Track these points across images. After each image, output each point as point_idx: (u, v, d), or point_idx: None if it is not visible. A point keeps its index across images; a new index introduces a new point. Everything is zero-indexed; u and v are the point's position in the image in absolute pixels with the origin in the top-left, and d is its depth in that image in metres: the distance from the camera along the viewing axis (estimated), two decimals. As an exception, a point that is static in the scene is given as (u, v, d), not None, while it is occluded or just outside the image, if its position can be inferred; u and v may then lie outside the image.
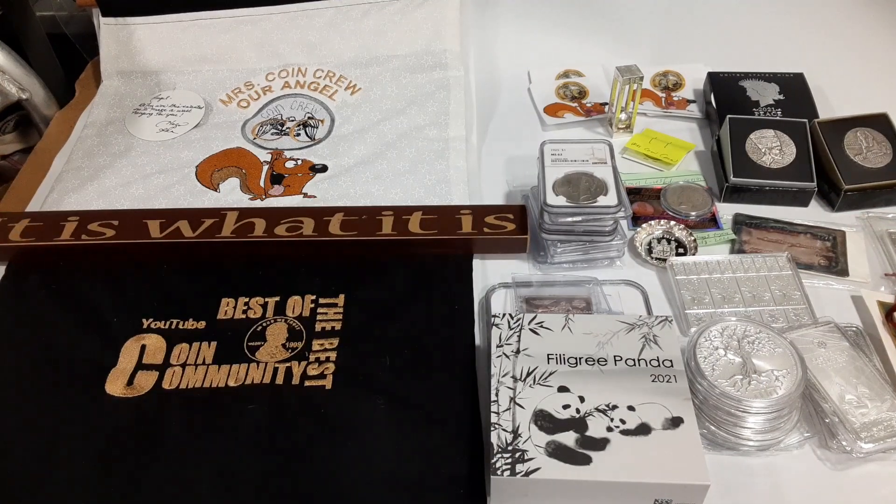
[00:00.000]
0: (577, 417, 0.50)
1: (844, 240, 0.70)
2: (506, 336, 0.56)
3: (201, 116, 0.86)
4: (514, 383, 0.53)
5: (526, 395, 0.52)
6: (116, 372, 0.59)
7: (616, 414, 0.50)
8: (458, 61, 0.89)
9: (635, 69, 0.79)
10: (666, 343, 0.55)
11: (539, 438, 0.49)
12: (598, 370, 0.53)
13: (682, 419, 0.50)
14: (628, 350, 0.55)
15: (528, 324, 0.57)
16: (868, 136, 0.75)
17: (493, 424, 0.50)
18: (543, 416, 0.50)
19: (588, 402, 0.51)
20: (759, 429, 0.52)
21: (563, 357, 0.54)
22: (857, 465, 0.53)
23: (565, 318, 0.57)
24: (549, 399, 0.52)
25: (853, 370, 0.56)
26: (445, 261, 0.68)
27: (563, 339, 0.56)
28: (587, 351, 0.55)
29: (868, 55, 0.93)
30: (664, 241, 0.71)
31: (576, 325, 0.56)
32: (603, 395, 0.52)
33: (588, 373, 0.53)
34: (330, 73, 0.90)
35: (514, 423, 0.50)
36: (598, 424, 0.50)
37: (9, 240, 0.68)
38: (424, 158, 0.78)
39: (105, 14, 0.90)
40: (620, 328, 0.56)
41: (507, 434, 0.49)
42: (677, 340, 0.55)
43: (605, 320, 0.57)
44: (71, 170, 0.80)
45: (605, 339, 0.55)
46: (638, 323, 0.56)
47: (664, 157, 0.80)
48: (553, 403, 0.51)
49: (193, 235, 0.68)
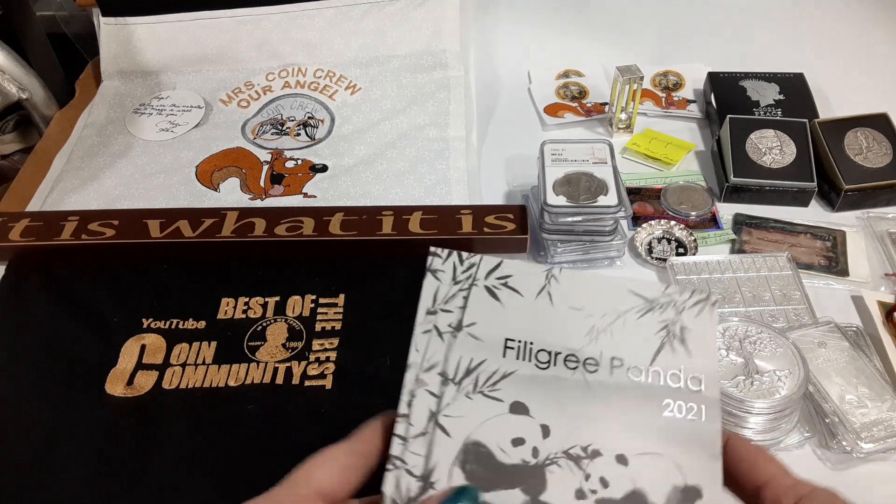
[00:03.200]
0: (533, 465, 0.29)
1: (844, 240, 0.70)
2: (445, 293, 0.33)
3: (201, 116, 0.86)
4: (442, 387, 0.31)
5: (456, 412, 0.31)
6: (116, 372, 0.59)
7: (596, 467, 0.29)
8: (458, 61, 0.89)
9: (635, 69, 0.79)
10: (698, 343, 0.32)
11: None
12: (582, 379, 0.31)
13: (700, 492, 0.29)
14: (636, 348, 0.32)
15: (487, 276, 0.33)
16: (868, 136, 0.75)
17: (392, 460, 0.30)
18: (479, 456, 0.30)
19: (554, 437, 0.30)
20: (760, 429, 0.52)
21: (528, 347, 0.32)
22: (857, 465, 0.53)
23: (546, 277, 0.33)
24: (493, 424, 0.30)
25: (853, 370, 0.56)
26: None
27: (537, 312, 0.32)
28: (570, 341, 0.32)
29: (868, 55, 0.93)
30: (664, 241, 0.71)
31: (560, 290, 0.33)
32: (580, 430, 0.30)
33: (564, 383, 0.31)
34: (330, 72, 0.90)
35: (428, 460, 0.30)
36: (562, 482, 0.29)
37: (9, 239, 0.68)
38: (424, 158, 0.78)
39: (105, 14, 0.90)
40: (631, 306, 0.33)
41: (411, 480, 0.29)
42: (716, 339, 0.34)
43: (608, 287, 0.33)
44: (71, 170, 0.80)
45: (604, 322, 0.32)
46: (661, 299, 0.33)
47: (664, 157, 0.80)
48: (498, 433, 0.30)
49: (193, 235, 0.68)
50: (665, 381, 0.31)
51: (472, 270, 0.34)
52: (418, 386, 0.32)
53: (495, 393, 0.31)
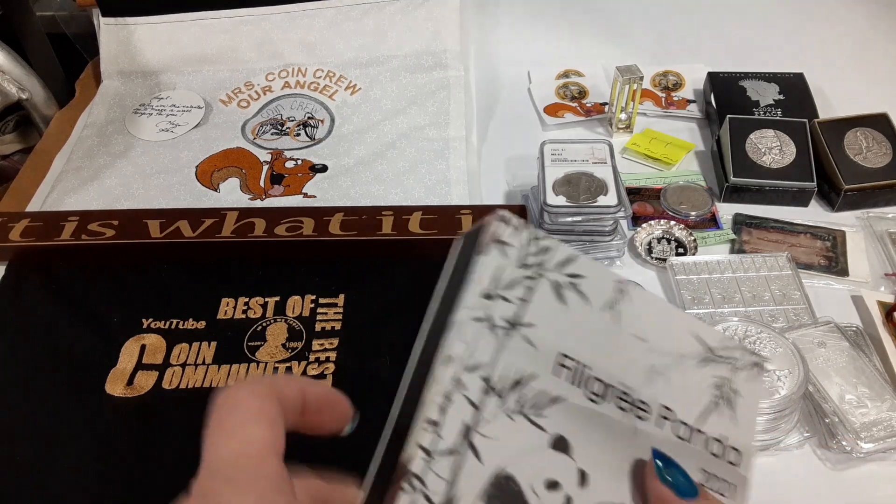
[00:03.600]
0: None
1: (844, 240, 0.70)
2: (510, 276, 0.25)
3: (201, 116, 0.86)
4: (484, 397, 0.24)
5: (494, 432, 0.24)
6: (116, 372, 0.59)
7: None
8: (458, 61, 0.89)
9: (635, 69, 0.79)
10: (744, 412, 0.29)
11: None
12: (631, 425, 0.27)
13: None
14: (688, 402, 0.28)
15: (558, 268, 0.27)
16: (868, 136, 0.75)
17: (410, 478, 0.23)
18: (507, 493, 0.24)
19: (591, 487, 0.25)
20: (759, 429, 0.52)
21: (584, 371, 0.26)
22: (857, 465, 0.53)
23: (616, 290, 0.28)
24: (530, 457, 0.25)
25: (853, 370, 0.56)
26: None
27: (600, 330, 0.27)
28: (628, 377, 0.27)
29: (868, 55, 0.93)
30: (664, 241, 0.71)
31: (629, 310, 0.28)
32: (618, 484, 0.26)
33: (612, 425, 0.26)
34: (330, 73, 0.90)
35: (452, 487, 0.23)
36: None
37: (9, 240, 0.68)
38: (424, 158, 0.78)
39: (105, 14, 0.90)
40: (692, 352, 0.29)
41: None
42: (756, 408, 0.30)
43: (675, 322, 0.29)
44: (71, 170, 0.80)
45: (663, 363, 0.28)
46: (720, 352, 0.29)
47: (664, 157, 0.80)
48: (534, 469, 0.25)
49: (193, 235, 0.68)
50: (708, 447, 0.27)
51: (544, 257, 0.26)
52: (457, 389, 0.24)
53: (540, 419, 0.25)
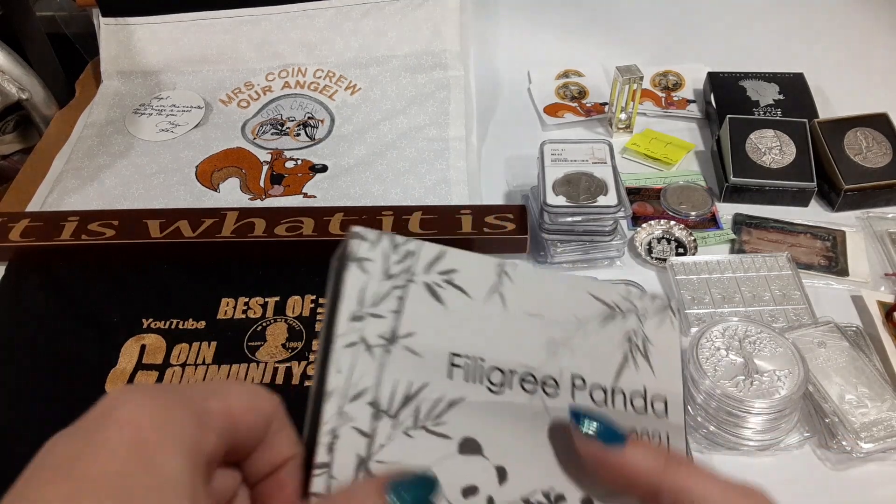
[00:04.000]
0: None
1: (844, 240, 0.70)
2: (375, 291, 0.25)
3: (201, 116, 0.86)
4: (374, 422, 0.24)
5: (393, 455, 0.24)
6: (116, 372, 0.59)
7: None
8: (458, 61, 0.89)
9: (635, 69, 0.79)
10: (662, 359, 0.28)
11: None
12: (541, 406, 0.26)
13: None
14: (598, 365, 0.27)
15: (427, 269, 0.26)
16: (868, 135, 0.75)
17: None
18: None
19: (512, 482, 0.24)
20: (759, 429, 0.52)
21: (479, 364, 0.25)
22: (857, 465, 0.53)
23: (497, 273, 0.27)
24: (439, 469, 0.24)
25: (853, 370, 0.56)
26: None
27: (488, 319, 0.26)
28: (527, 357, 0.26)
29: (868, 55, 0.93)
30: (664, 241, 0.71)
31: (514, 291, 0.27)
32: (540, 471, 0.25)
33: (520, 411, 0.26)
34: (330, 73, 0.90)
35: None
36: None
37: (9, 240, 0.68)
38: (424, 158, 0.78)
39: (105, 14, 0.90)
40: (592, 313, 0.28)
41: None
42: (679, 353, 0.29)
43: (567, 288, 0.28)
44: (71, 170, 0.80)
45: (564, 333, 0.27)
46: (622, 305, 0.28)
47: (664, 157, 0.80)
48: (446, 480, 0.23)
49: (193, 235, 0.68)
50: (629, 405, 0.27)
51: (410, 261, 0.26)
52: (342, 422, 0.23)
53: (441, 427, 0.24)
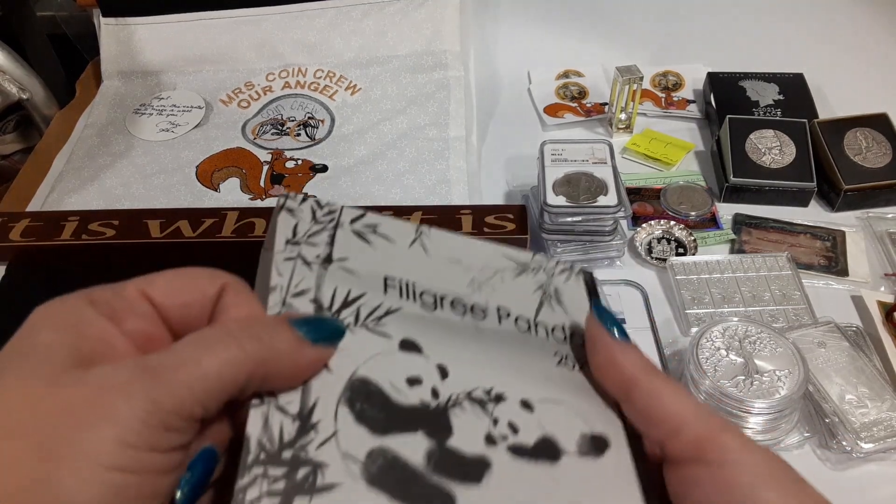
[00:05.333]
0: (434, 407, 0.25)
1: (844, 240, 0.70)
2: (306, 229, 0.28)
3: (202, 116, 0.86)
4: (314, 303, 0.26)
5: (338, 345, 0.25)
6: (117, 372, 0.59)
7: (502, 410, 0.26)
8: (458, 61, 0.89)
9: (635, 69, 0.79)
10: (574, 305, 0.31)
11: (354, 440, 0.23)
12: (472, 324, 0.28)
13: (608, 441, 0.27)
14: (519, 303, 0.30)
15: (352, 222, 0.30)
16: (868, 136, 0.75)
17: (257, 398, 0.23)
18: (368, 394, 0.24)
19: (454, 378, 0.26)
20: (759, 429, 0.52)
21: (411, 286, 0.28)
22: (857, 465, 0.53)
23: (416, 231, 0.30)
24: (381, 360, 0.25)
25: (853, 370, 0.56)
26: None
27: (413, 259, 0.29)
28: (454, 287, 0.29)
29: (868, 55, 0.93)
30: (664, 241, 0.71)
31: (433, 245, 0.30)
32: (479, 373, 0.27)
33: (455, 326, 0.28)
34: (330, 73, 0.90)
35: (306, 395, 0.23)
36: (470, 426, 0.25)
37: (9, 239, 0.68)
38: (424, 158, 0.78)
39: (105, 14, 0.90)
40: (505, 265, 0.31)
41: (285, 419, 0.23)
42: (586, 301, 0.32)
43: (478, 247, 0.31)
44: (71, 170, 0.80)
45: (483, 275, 0.30)
46: (532, 265, 0.32)
47: (664, 157, 0.80)
48: (390, 370, 0.25)
49: (193, 235, 0.68)
50: (551, 335, 0.29)
51: (335, 215, 0.30)
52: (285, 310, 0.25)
53: (381, 328, 0.26)
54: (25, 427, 0.20)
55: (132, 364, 0.21)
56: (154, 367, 0.21)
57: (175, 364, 0.21)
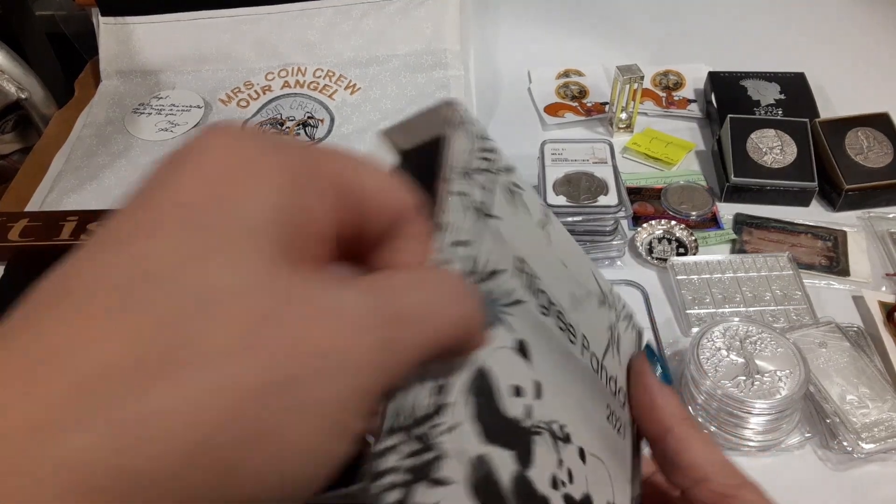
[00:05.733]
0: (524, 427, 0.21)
1: (845, 240, 0.70)
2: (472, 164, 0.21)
3: (201, 116, 0.86)
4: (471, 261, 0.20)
5: None
6: (115, 372, 0.59)
7: (566, 454, 0.22)
8: (458, 61, 0.89)
9: (636, 69, 0.79)
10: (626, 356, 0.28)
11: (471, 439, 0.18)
12: (567, 345, 0.24)
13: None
14: (595, 338, 0.26)
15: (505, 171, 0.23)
16: (869, 135, 0.75)
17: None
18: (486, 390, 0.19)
19: (544, 402, 0.22)
20: (760, 429, 0.52)
21: (535, 280, 0.23)
22: (858, 466, 0.53)
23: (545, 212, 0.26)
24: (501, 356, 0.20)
25: (854, 370, 0.56)
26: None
27: (540, 244, 0.24)
28: (560, 295, 0.24)
29: (869, 55, 0.93)
30: (665, 241, 0.71)
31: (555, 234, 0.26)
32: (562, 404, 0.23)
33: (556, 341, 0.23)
34: (330, 72, 0.90)
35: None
36: (544, 460, 0.21)
37: (8, 239, 0.68)
38: (424, 158, 0.78)
39: (104, 14, 0.90)
40: (594, 290, 0.27)
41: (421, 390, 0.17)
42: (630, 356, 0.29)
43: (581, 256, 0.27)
44: (70, 169, 0.79)
45: (580, 293, 0.26)
46: (609, 298, 0.28)
47: (665, 157, 0.80)
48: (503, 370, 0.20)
49: (193, 235, 0.68)
50: (609, 383, 0.26)
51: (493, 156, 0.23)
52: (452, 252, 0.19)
53: (506, 318, 0.21)
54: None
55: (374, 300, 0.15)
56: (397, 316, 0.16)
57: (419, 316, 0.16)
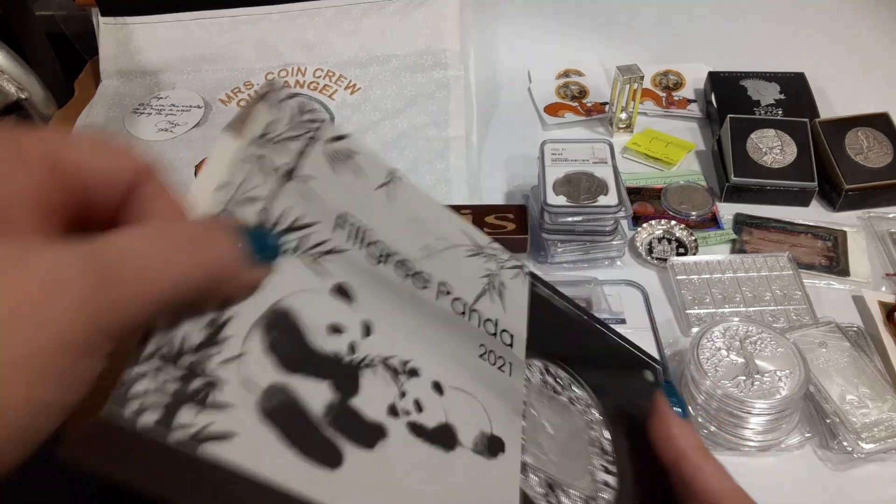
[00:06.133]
0: (348, 361, 0.24)
1: (845, 240, 0.70)
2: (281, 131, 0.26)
3: (201, 116, 0.86)
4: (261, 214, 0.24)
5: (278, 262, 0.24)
6: (115, 372, 0.59)
7: (413, 386, 0.25)
8: (458, 61, 0.89)
9: (636, 69, 0.79)
10: (513, 303, 0.32)
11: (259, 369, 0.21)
12: (412, 290, 0.27)
13: (503, 443, 0.27)
14: (463, 284, 0.30)
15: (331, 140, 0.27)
16: (869, 135, 0.75)
17: None
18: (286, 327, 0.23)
19: (375, 339, 0.25)
20: (760, 429, 0.52)
21: (364, 232, 0.27)
22: (857, 466, 0.53)
23: (388, 175, 0.29)
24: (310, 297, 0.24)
25: (854, 370, 0.56)
26: None
27: (376, 203, 0.28)
28: (406, 247, 0.28)
29: (869, 55, 0.92)
30: (665, 241, 0.71)
31: (402, 195, 0.29)
32: (403, 341, 0.26)
33: (394, 286, 0.27)
34: (330, 72, 0.90)
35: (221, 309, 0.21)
36: (377, 391, 0.24)
37: (8, 240, 0.68)
38: (424, 158, 0.78)
39: (104, 14, 0.90)
40: (462, 241, 0.31)
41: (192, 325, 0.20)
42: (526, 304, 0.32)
43: (442, 214, 0.32)
44: (70, 169, 0.79)
45: (438, 245, 0.30)
46: (487, 250, 0.32)
47: (665, 157, 0.80)
48: (315, 310, 0.24)
49: (193, 235, 0.68)
50: (482, 325, 0.30)
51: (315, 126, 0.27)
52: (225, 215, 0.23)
53: (320, 264, 0.25)
54: None
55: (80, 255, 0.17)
56: (107, 268, 0.18)
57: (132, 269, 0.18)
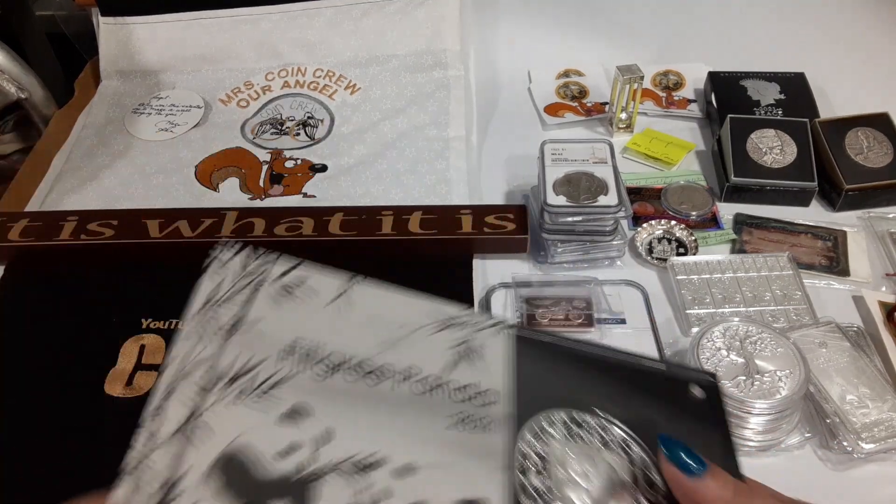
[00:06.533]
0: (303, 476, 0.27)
1: (846, 240, 0.70)
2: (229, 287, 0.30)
3: (201, 116, 0.86)
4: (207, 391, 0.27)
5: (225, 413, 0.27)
6: (116, 372, 0.59)
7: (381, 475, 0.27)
8: (458, 61, 0.89)
9: (636, 69, 0.79)
10: (495, 360, 0.32)
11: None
12: (365, 389, 0.30)
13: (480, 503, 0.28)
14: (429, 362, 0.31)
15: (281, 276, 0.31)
16: (869, 135, 0.75)
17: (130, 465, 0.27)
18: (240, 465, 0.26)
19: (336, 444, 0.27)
20: (760, 429, 0.52)
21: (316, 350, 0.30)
22: (857, 466, 0.53)
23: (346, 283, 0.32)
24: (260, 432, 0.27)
25: (854, 370, 0.56)
26: (445, 261, 0.67)
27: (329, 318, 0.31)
28: (360, 349, 0.31)
29: (869, 55, 0.92)
30: (665, 241, 0.71)
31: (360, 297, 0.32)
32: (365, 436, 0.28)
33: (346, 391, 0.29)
34: (330, 72, 0.90)
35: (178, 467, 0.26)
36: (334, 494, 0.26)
37: (7, 239, 0.68)
38: (424, 158, 0.78)
39: (104, 14, 0.90)
40: (425, 323, 0.33)
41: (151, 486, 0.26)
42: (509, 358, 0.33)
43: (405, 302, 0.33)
44: (70, 170, 0.79)
45: (398, 333, 0.32)
46: (458, 320, 0.33)
47: (665, 157, 0.80)
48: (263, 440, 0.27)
49: (193, 235, 0.68)
50: (451, 395, 0.31)
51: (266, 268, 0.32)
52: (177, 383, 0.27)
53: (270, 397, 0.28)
54: None
55: None
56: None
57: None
